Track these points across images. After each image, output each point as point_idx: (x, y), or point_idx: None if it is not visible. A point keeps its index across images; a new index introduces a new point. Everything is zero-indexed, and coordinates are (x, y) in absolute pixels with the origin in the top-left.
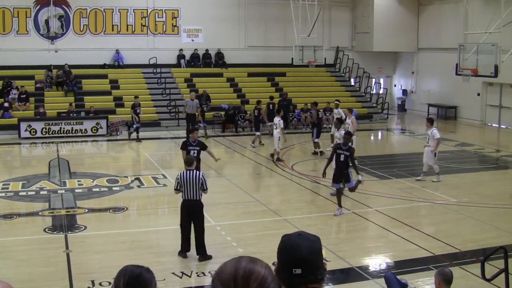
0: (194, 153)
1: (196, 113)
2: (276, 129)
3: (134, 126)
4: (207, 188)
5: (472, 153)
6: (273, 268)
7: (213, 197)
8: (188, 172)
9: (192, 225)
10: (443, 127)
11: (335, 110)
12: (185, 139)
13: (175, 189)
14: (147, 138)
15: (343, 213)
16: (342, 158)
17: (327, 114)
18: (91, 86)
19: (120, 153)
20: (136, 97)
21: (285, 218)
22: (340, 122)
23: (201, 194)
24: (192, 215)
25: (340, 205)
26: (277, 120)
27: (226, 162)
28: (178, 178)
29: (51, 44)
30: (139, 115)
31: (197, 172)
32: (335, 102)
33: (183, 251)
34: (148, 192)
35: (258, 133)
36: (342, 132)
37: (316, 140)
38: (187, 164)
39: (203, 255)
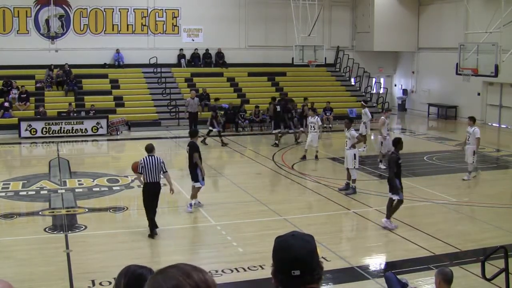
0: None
1: (198, 111)
2: (314, 129)
3: (215, 129)
4: (166, 171)
5: None
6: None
7: (213, 197)
8: (149, 157)
9: None
10: (444, 126)
11: (362, 111)
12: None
13: (138, 173)
14: (148, 138)
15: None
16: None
17: (327, 114)
18: (91, 86)
19: (120, 153)
20: (216, 99)
21: (285, 217)
22: (351, 122)
23: (161, 177)
24: (152, 195)
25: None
26: (314, 119)
27: (226, 162)
28: (141, 163)
29: (52, 43)
30: (218, 118)
31: (157, 157)
32: (361, 102)
33: (152, 231)
34: None
35: (301, 129)
36: (353, 132)
37: (274, 131)
38: (147, 151)
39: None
